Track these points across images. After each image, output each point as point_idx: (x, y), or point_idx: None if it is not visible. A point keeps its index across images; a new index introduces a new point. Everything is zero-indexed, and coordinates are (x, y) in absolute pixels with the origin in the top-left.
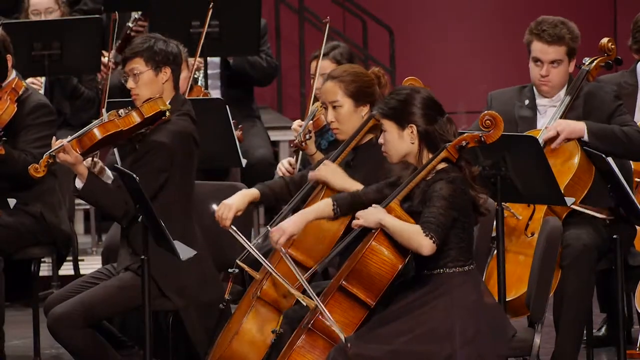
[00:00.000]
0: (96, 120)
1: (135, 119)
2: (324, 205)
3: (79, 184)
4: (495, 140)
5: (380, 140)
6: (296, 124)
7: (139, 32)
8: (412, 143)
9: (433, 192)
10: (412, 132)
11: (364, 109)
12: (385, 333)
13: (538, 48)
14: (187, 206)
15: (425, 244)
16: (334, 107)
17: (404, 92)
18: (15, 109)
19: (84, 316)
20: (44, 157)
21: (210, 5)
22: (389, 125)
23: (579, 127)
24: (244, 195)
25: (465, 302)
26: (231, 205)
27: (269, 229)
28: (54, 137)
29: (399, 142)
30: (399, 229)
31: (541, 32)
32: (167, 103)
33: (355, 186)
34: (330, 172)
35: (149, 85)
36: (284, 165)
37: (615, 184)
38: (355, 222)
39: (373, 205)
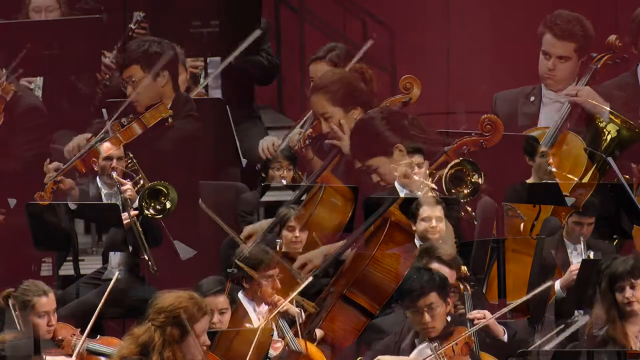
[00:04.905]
0: (97, 137)
1: (137, 130)
2: None
3: (72, 205)
4: (496, 143)
5: None
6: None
7: (141, 33)
8: None
9: None
10: None
11: (355, 112)
12: None
13: (548, 41)
14: (189, 206)
15: None
16: (325, 119)
17: None
18: (2, 119)
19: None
20: (48, 184)
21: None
22: None
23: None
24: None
25: None
26: None
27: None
28: (58, 164)
29: None
30: None
31: (554, 26)
32: (169, 106)
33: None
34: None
35: (148, 91)
36: (267, 142)
37: (615, 184)
38: None
39: None
